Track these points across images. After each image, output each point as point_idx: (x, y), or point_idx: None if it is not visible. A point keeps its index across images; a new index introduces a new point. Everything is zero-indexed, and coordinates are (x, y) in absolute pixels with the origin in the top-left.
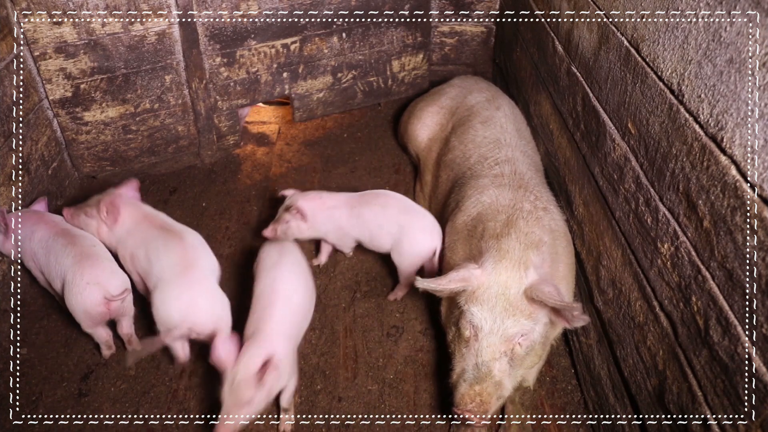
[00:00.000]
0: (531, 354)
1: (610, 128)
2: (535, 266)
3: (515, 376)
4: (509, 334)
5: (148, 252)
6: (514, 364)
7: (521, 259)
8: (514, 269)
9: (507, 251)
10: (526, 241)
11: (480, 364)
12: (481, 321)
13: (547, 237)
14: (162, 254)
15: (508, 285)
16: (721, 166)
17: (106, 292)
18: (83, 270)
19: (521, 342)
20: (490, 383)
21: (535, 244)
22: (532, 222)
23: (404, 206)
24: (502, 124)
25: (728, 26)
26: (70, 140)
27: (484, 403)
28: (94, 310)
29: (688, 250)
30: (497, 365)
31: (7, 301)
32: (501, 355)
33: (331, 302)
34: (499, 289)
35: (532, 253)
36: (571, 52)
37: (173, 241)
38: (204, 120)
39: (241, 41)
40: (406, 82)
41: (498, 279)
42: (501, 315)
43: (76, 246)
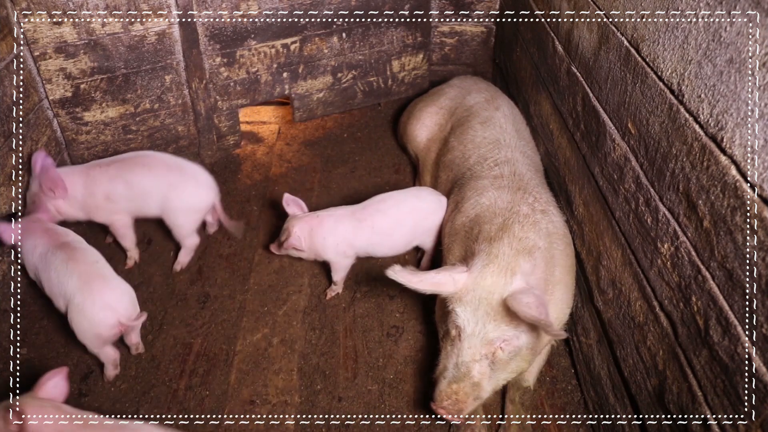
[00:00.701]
0: (516, 359)
1: (610, 128)
2: (525, 273)
3: (497, 379)
4: (490, 338)
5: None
6: (495, 367)
7: (509, 264)
8: (500, 274)
9: (496, 256)
10: (519, 246)
11: (460, 364)
12: (464, 322)
13: (542, 242)
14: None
15: (492, 290)
16: (721, 166)
17: (121, 316)
18: (93, 295)
19: (503, 347)
20: (468, 383)
21: (527, 249)
22: (528, 226)
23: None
24: (502, 125)
25: (728, 26)
26: (70, 140)
27: (459, 401)
28: (107, 333)
29: (688, 250)
30: (477, 367)
31: (7, 301)
32: (482, 357)
33: (331, 302)
34: (482, 293)
35: (522, 258)
36: (571, 52)
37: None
38: (204, 120)
39: (241, 41)
40: (406, 82)
41: (483, 283)
42: (483, 319)
43: (78, 263)
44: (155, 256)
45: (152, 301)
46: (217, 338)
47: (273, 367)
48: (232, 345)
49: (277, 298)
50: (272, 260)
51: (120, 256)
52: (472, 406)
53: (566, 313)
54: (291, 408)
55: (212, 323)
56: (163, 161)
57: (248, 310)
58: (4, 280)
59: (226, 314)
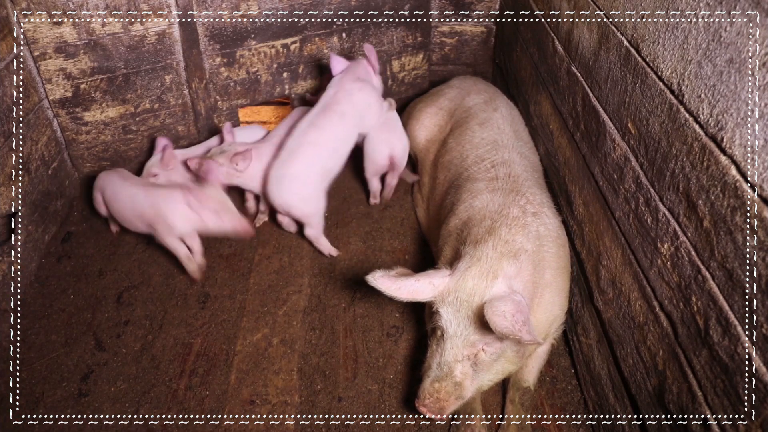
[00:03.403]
0: (500, 361)
1: (610, 128)
2: (508, 276)
3: (480, 380)
4: (471, 340)
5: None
6: (478, 368)
7: (491, 268)
8: (481, 278)
9: (479, 258)
10: (504, 249)
11: (442, 363)
12: (446, 323)
13: (530, 244)
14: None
15: (473, 292)
16: (721, 166)
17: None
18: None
19: (485, 348)
20: (450, 383)
21: (513, 252)
22: (516, 229)
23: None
24: (500, 126)
25: (728, 26)
26: (70, 140)
27: (440, 400)
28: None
29: (688, 250)
30: (459, 367)
31: (7, 301)
32: (464, 358)
33: (331, 302)
34: (463, 296)
35: (506, 262)
36: (571, 52)
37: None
38: (204, 120)
39: (241, 41)
40: (406, 82)
41: (464, 285)
42: (464, 321)
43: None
44: (155, 256)
45: (152, 301)
46: (217, 338)
47: (273, 367)
48: (232, 345)
49: (277, 298)
50: (272, 260)
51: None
52: (455, 405)
53: (557, 314)
54: (291, 408)
55: (212, 323)
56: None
57: (248, 310)
58: (4, 280)
59: (226, 314)
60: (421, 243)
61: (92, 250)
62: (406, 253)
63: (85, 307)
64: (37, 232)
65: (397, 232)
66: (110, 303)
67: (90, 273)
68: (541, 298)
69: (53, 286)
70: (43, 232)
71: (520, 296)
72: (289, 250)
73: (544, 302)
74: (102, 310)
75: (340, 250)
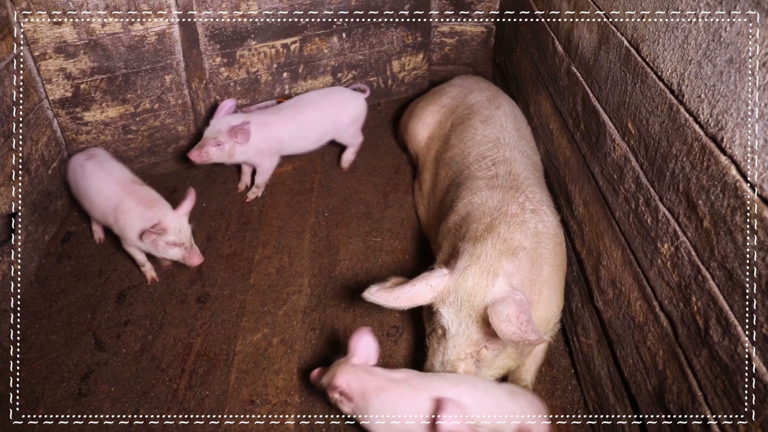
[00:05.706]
0: (502, 356)
1: (610, 128)
2: (508, 274)
3: (483, 376)
4: (474, 339)
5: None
6: (480, 365)
7: (491, 266)
8: (482, 276)
9: (479, 257)
10: (503, 246)
11: (445, 363)
12: (448, 323)
13: (528, 242)
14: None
15: (473, 292)
16: (721, 166)
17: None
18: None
19: (488, 346)
20: None
21: (511, 250)
22: (515, 226)
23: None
24: (502, 123)
25: (728, 26)
26: (70, 140)
27: None
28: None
29: (688, 250)
30: (462, 365)
31: (7, 301)
32: (467, 356)
33: (331, 302)
34: (464, 295)
35: (506, 259)
36: (571, 52)
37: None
38: (204, 120)
39: (241, 41)
40: (406, 82)
41: (465, 285)
42: (466, 320)
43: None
44: (155, 256)
45: (152, 301)
46: (217, 338)
47: (273, 367)
48: (232, 345)
49: (277, 298)
50: (272, 260)
51: (117, 256)
52: None
53: (555, 312)
54: (291, 408)
55: (212, 323)
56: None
57: (248, 310)
58: (4, 280)
59: (226, 314)
60: (421, 243)
61: (92, 250)
62: (406, 253)
63: (85, 307)
64: (37, 232)
65: (397, 232)
66: (110, 303)
67: (90, 273)
68: (540, 295)
69: (53, 286)
70: (43, 232)
71: (520, 294)
72: (289, 250)
73: (543, 299)
74: (102, 310)
75: (341, 250)
